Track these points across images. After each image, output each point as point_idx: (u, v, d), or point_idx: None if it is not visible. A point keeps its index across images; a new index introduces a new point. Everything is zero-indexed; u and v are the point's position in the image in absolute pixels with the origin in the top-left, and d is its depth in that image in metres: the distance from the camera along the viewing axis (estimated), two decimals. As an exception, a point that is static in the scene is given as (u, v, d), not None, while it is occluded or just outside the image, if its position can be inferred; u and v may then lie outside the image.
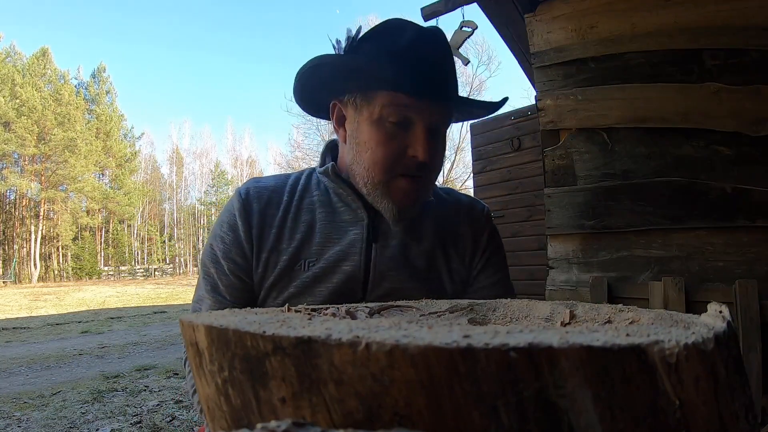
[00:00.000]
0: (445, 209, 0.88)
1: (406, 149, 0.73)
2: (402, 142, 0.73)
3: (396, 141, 0.73)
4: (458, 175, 24.72)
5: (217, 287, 0.79)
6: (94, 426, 2.71)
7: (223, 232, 0.80)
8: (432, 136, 0.74)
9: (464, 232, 0.87)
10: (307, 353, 0.21)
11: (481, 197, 4.88)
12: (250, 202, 0.80)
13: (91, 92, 36.74)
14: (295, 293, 0.77)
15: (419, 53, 0.73)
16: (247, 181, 0.85)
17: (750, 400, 0.23)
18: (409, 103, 0.72)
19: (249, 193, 0.81)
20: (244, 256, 0.79)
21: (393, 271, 0.79)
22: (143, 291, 15.82)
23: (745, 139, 1.81)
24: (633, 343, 0.19)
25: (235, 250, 0.79)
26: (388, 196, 0.76)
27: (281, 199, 0.82)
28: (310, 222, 0.80)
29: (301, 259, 0.78)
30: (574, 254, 2.10)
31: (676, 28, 1.94)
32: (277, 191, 0.82)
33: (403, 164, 0.74)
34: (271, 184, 0.84)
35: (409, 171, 0.74)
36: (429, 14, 2.69)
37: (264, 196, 0.81)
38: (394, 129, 0.73)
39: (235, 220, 0.79)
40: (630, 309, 0.38)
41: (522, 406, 0.19)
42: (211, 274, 0.80)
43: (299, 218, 0.80)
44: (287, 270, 0.77)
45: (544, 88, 2.22)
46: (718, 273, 1.82)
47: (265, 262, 0.78)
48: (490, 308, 0.50)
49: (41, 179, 31.31)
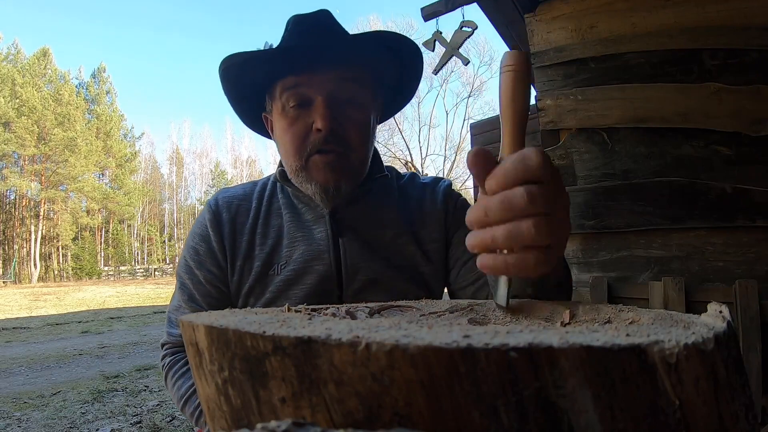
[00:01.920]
0: (409, 193, 0.87)
1: (312, 126, 0.72)
2: (305, 121, 0.72)
3: (299, 121, 0.73)
4: (458, 175, 24.74)
5: (194, 297, 0.81)
6: (94, 426, 2.71)
7: (196, 243, 0.81)
8: (335, 104, 0.72)
9: (432, 211, 0.84)
10: (307, 353, 0.21)
11: (481, 197, 4.87)
12: (219, 212, 0.82)
13: (92, 92, 36.76)
14: (272, 298, 0.77)
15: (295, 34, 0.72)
16: (216, 192, 0.87)
17: (750, 400, 0.23)
18: (300, 82, 0.71)
19: (218, 204, 0.83)
20: (218, 265, 0.80)
21: (365, 262, 0.78)
22: (143, 291, 15.82)
23: (745, 139, 1.81)
24: (633, 343, 0.19)
25: (209, 260, 0.80)
26: (310, 178, 0.74)
27: (250, 206, 0.83)
28: (279, 226, 0.81)
29: (274, 263, 0.79)
30: (574, 254, 2.10)
31: (676, 28, 1.94)
32: (245, 199, 0.84)
33: (311, 141, 0.72)
34: (239, 193, 0.85)
35: (318, 146, 0.72)
36: (429, 14, 2.69)
37: (233, 205, 0.83)
38: (296, 111, 0.73)
39: (206, 231, 0.80)
40: (630, 309, 0.38)
41: (522, 405, 0.19)
42: (186, 284, 0.81)
43: (269, 223, 0.81)
44: (262, 276, 0.78)
45: (544, 88, 2.22)
46: (718, 273, 1.82)
47: (240, 270, 0.79)
48: (490, 308, 0.49)
49: (41, 179, 31.32)
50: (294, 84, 0.72)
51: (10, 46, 32.33)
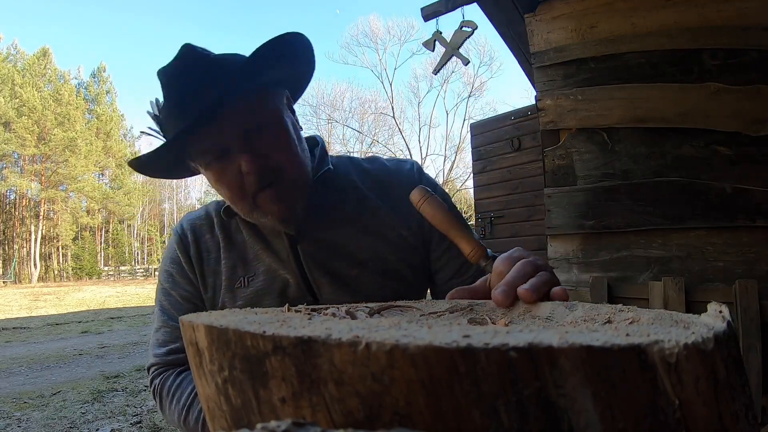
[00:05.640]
0: (370, 181, 0.85)
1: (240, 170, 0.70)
2: (232, 167, 0.70)
3: (228, 172, 0.71)
4: (458, 175, 24.76)
5: (173, 316, 0.83)
6: (94, 426, 2.71)
7: (168, 266, 0.86)
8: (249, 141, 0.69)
9: (399, 197, 0.80)
10: (307, 353, 0.21)
11: (481, 197, 4.88)
12: (185, 234, 0.86)
13: (91, 92, 36.76)
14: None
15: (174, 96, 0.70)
16: (181, 219, 0.91)
17: (750, 400, 0.23)
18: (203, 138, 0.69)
19: (183, 228, 0.87)
20: (191, 283, 0.84)
21: (327, 264, 0.78)
22: (143, 291, 15.82)
23: (745, 139, 1.81)
24: (633, 343, 0.19)
25: (182, 280, 0.84)
26: (264, 214, 0.74)
27: (212, 225, 0.86)
28: (242, 242, 0.83)
29: (239, 276, 0.81)
30: (574, 254, 2.11)
31: (676, 28, 1.94)
32: (207, 218, 0.87)
33: (247, 185, 0.70)
34: (201, 215, 0.89)
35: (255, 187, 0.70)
36: (429, 14, 2.69)
37: (196, 226, 0.87)
38: (218, 165, 0.71)
39: (176, 254, 0.85)
40: (630, 309, 0.38)
41: (522, 405, 0.19)
42: (165, 306, 0.84)
43: (231, 239, 0.84)
44: (229, 289, 0.81)
45: (544, 88, 2.22)
46: (718, 273, 1.82)
47: (213, 286, 0.83)
48: (491, 308, 0.50)
49: (41, 179, 31.33)
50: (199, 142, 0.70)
51: (10, 46, 32.37)
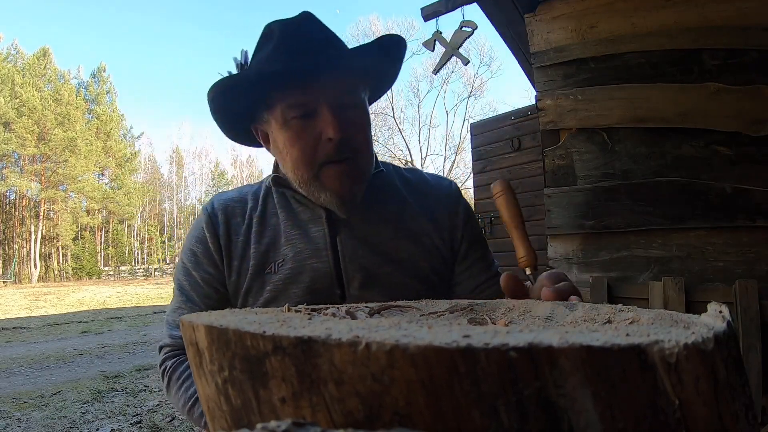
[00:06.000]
0: (411, 189, 0.88)
1: (320, 136, 0.72)
2: (313, 131, 0.72)
3: (306, 133, 0.73)
4: (458, 175, 24.73)
5: (192, 298, 0.81)
6: (94, 426, 2.71)
7: (193, 246, 0.83)
8: (341, 111, 0.72)
9: (436, 210, 0.85)
10: (307, 353, 0.21)
11: (481, 197, 4.88)
12: (215, 214, 0.83)
13: (91, 92, 36.74)
14: (270, 297, 0.78)
15: (289, 42, 0.73)
16: (212, 197, 0.89)
17: (750, 400, 0.23)
18: (302, 93, 0.71)
19: (214, 207, 0.85)
20: (215, 265, 0.81)
21: (363, 259, 0.78)
22: (143, 291, 15.82)
23: (745, 139, 1.81)
24: (633, 343, 0.19)
25: (206, 261, 0.81)
26: (323, 188, 0.75)
27: (245, 208, 0.84)
28: (275, 225, 0.82)
29: (270, 262, 0.79)
30: (574, 254, 2.10)
31: (676, 28, 1.94)
32: (240, 201, 0.85)
33: (322, 152, 0.73)
34: (234, 196, 0.87)
35: (330, 156, 0.73)
36: (429, 14, 2.69)
37: (228, 207, 0.84)
38: (301, 123, 0.73)
39: (203, 233, 0.82)
40: (630, 309, 0.38)
41: (522, 405, 0.19)
42: (184, 286, 0.82)
43: (265, 223, 0.82)
44: (258, 274, 0.79)
45: (544, 88, 2.22)
46: (718, 273, 1.82)
47: (237, 270, 0.81)
48: (490, 308, 0.50)
49: (41, 179, 31.32)
50: (293, 96, 0.72)
51: (10, 46, 32.35)
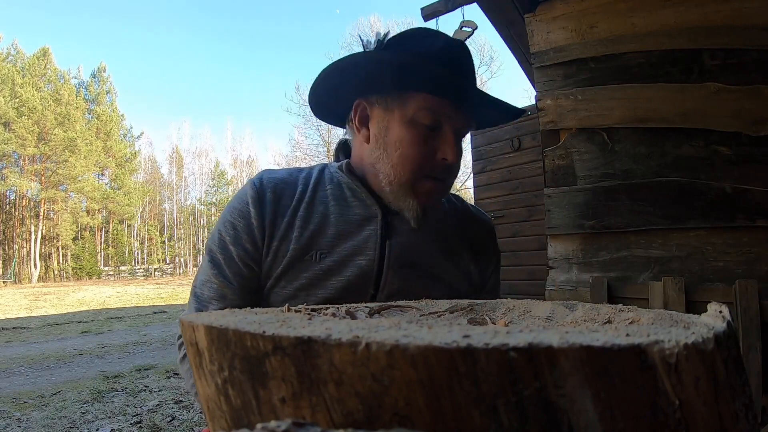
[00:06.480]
0: (458, 214, 0.93)
1: (436, 152, 0.76)
2: (432, 144, 0.76)
3: (428, 143, 0.75)
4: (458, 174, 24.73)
5: (224, 273, 0.78)
6: (94, 426, 2.71)
7: (234, 219, 0.79)
8: (458, 139, 0.77)
9: (475, 240, 0.91)
10: (307, 353, 0.21)
11: (481, 197, 4.88)
12: (264, 190, 0.79)
13: (91, 92, 36.74)
14: (307, 284, 0.76)
15: (453, 59, 0.76)
16: (261, 172, 0.85)
17: (750, 400, 0.23)
18: (443, 107, 0.74)
19: (263, 183, 0.81)
20: (254, 243, 0.78)
21: (405, 268, 0.79)
22: (143, 291, 15.82)
23: (745, 139, 1.81)
24: (633, 343, 0.19)
25: (246, 237, 0.78)
26: (413, 195, 0.77)
27: (294, 191, 0.81)
28: (323, 213, 0.80)
29: (313, 249, 0.77)
30: (574, 254, 2.10)
31: (676, 28, 1.94)
32: (290, 183, 0.82)
33: (431, 166, 0.76)
34: (284, 176, 0.84)
35: (436, 173, 0.77)
36: (429, 14, 2.69)
37: (278, 186, 0.81)
38: (426, 131, 0.75)
39: (247, 208, 0.78)
40: (630, 309, 0.38)
41: (522, 405, 0.19)
42: (217, 259, 0.79)
43: (312, 209, 0.80)
44: (297, 260, 0.76)
45: (544, 88, 2.22)
46: (718, 273, 1.82)
47: (275, 251, 0.78)
48: (490, 308, 0.50)
49: (41, 179, 31.32)
50: (437, 106, 0.74)
51: (10, 46, 32.34)
